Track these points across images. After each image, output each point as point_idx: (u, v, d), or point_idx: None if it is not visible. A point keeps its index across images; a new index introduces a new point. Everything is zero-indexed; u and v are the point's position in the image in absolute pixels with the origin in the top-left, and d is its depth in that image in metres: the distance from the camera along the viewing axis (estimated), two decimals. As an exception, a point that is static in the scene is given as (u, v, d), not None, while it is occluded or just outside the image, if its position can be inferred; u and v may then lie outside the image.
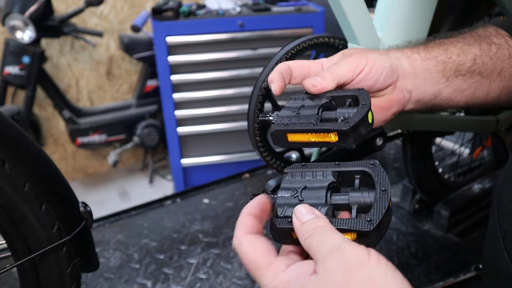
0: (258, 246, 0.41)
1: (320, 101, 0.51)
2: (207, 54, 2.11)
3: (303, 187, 0.44)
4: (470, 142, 1.64)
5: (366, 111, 0.47)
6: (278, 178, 0.62)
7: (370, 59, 0.55)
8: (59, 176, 0.70)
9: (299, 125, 0.48)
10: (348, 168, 0.45)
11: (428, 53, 0.59)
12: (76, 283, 0.75)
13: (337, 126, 0.47)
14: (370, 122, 0.48)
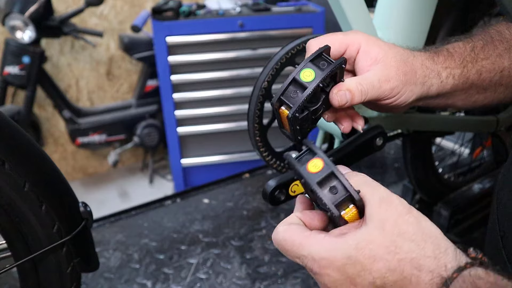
0: (292, 229, 0.43)
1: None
2: (207, 54, 2.11)
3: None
4: (470, 142, 1.64)
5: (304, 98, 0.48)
6: (278, 177, 0.62)
7: (407, 88, 0.52)
8: (59, 176, 0.70)
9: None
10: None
11: (461, 74, 0.56)
12: (76, 283, 0.75)
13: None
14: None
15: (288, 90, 0.51)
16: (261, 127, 0.78)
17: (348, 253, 0.39)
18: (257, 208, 1.51)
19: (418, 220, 0.39)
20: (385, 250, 0.38)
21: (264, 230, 1.39)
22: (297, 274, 1.20)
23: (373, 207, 0.40)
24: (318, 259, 0.40)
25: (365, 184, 0.42)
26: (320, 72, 0.49)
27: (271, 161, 0.81)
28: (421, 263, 0.37)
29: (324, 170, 0.42)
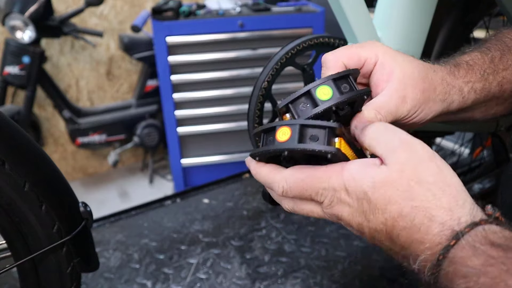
0: (301, 168, 0.42)
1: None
2: (207, 54, 2.11)
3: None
4: (470, 142, 1.64)
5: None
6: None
7: (425, 106, 0.50)
8: (59, 176, 0.70)
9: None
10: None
11: (483, 88, 0.54)
12: (76, 283, 0.75)
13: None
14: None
15: (299, 100, 0.46)
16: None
17: (364, 189, 0.39)
18: (257, 208, 1.51)
19: (440, 168, 0.38)
20: (400, 194, 0.38)
21: (264, 230, 1.39)
22: (297, 274, 1.20)
23: (393, 148, 0.39)
24: (339, 189, 0.40)
25: (385, 131, 0.41)
26: (338, 95, 0.44)
27: (271, 161, 0.81)
28: (433, 213, 0.36)
29: (293, 132, 0.41)
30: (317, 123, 0.40)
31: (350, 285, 1.16)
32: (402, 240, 0.38)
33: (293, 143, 0.40)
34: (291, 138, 0.40)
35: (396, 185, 0.38)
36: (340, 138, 0.41)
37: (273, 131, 0.42)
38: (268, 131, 0.43)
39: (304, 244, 1.32)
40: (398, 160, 0.39)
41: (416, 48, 0.78)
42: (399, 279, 1.16)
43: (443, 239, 0.36)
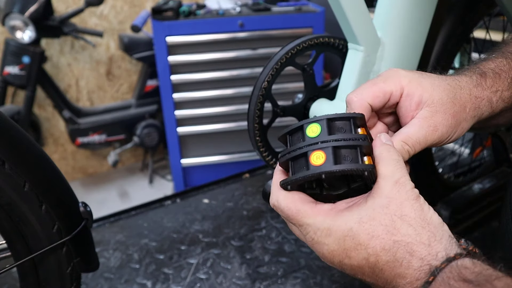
0: (296, 197, 0.44)
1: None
2: (207, 54, 2.11)
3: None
4: (470, 142, 1.64)
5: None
6: None
7: (457, 128, 0.49)
8: (59, 176, 0.70)
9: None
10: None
11: (511, 97, 0.53)
12: (76, 283, 0.75)
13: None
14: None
15: (296, 133, 0.45)
16: (261, 127, 0.78)
17: (350, 226, 0.40)
18: (257, 208, 1.51)
19: (422, 207, 0.40)
20: (384, 228, 0.39)
21: (264, 230, 1.39)
22: (297, 274, 1.20)
23: (386, 185, 0.40)
24: (322, 229, 0.41)
25: (389, 159, 0.42)
26: (332, 164, 0.41)
27: (271, 161, 0.81)
28: (414, 248, 0.38)
29: (328, 154, 0.41)
30: (348, 143, 0.41)
31: (350, 285, 1.16)
32: (386, 274, 0.39)
33: (330, 165, 0.40)
34: (326, 161, 0.41)
35: (380, 220, 0.39)
36: (368, 156, 0.42)
37: (304, 157, 0.42)
38: (296, 159, 0.44)
39: (304, 244, 1.32)
40: (386, 195, 0.40)
41: (416, 48, 0.78)
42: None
43: (422, 274, 0.37)
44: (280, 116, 0.81)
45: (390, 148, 0.43)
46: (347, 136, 0.42)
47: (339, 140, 0.41)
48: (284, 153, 0.45)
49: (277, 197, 0.45)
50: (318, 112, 0.81)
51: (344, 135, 0.42)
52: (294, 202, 0.43)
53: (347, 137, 0.41)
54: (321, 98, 0.82)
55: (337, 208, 0.42)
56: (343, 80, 0.79)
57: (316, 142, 0.42)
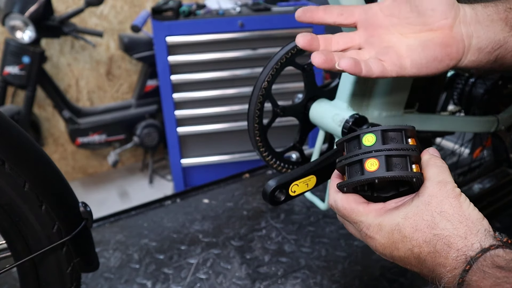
0: (351, 198, 0.50)
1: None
2: (207, 54, 2.11)
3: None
4: (470, 142, 1.64)
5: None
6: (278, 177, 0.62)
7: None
8: (59, 176, 0.70)
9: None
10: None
11: (486, 3, 0.53)
12: (76, 283, 0.75)
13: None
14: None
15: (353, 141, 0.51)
16: (261, 127, 0.78)
17: (397, 221, 0.45)
18: (257, 208, 1.51)
19: (461, 204, 0.44)
20: (425, 223, 0.44)
21: (264, 230, 1.39)
22: (297, 274, 1.20)
23: (430, 185, 0.45)
24: (373, 225, 0.47)
25: (434, 165, 0.47)
26: (385, 171, 0.46)
27: (271, 161, 0.81)
28: (451, 241, 0.42)
29: (381, 162, 0.46)
30: (399, 153, 0.46)
31: (350, 285, 1.16)
32: (428, 264, 0.44)
33: (382, 172, 0.46)
34: (379, 167, 0.46)
35: (422, 215, 0.44)
36: (416, 164, 0.47)
37: (359, 164, 0.48)
38: (352, 164, 0.49)
39: (304, 244, 1.32)
40: (429, 193, 0.45)
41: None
42: (399, 279, 1.16)
43: (460, 263, 0.41)
44: (280, 116, 0.81)
45: (436, 157, 0.49)
46: (398, 146, 0.47)
47: (392, 149, 0.46)
48: (341, 159, 0.50)
49: (334, 198, 0.51)
50: (318, 112, 0.81)
51: (396, 145, 0.47)
52: (349, 203, 0.49)
53: (398, 147, 0.46)
54: (321, 98, 0.82)
55: (386, 207, 0.48)
56: (343, 80, 0.79)
57: (371, 151, 0.47)
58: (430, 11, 0.51)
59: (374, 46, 0.53)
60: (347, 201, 0.49)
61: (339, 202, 0.50)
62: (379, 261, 1.23)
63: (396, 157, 0.46)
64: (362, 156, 0.47)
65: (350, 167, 0.49)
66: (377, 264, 1.22)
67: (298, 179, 0.63)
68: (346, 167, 0.49)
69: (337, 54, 0.51)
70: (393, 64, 0.51)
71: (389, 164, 0.46)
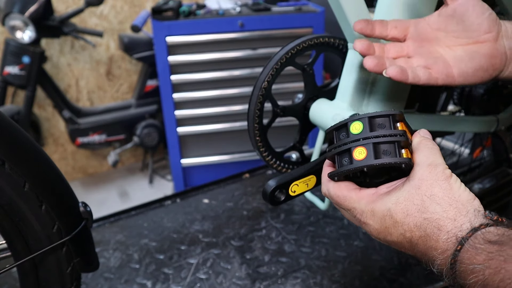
0: (342, 186, 0.51)
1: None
2: (207, 54, 2.11)
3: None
4: (470, 142, 1.64)
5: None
6: (278, 177, 0.62)
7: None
8: (59, 176, 0.70)
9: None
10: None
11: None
12: (76, 283, 0.75)
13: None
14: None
15: (341, 129, 0.51)
16: (261, 127, 0.78)
17: (388, 207, 0.45)
18: (257, 208, 1.51)
19: (451, 186, 0.44)
20: (415, 207, 0.44)
21: (264, 230, 1.39)
22: (297, 274, 1.20)
23: (420, 169, 0.45)
24: (366, 211, 0.47)
25: (424, 147, 0.47)
26: (373, 158, 0.46)
27: (271, 161, 0.81)
28: (441, 223, 0.42)
29: (368, 150, 0.46)
30: (387, 139, 0.46)
31: (350, 285, 1.16)
32: (421, 247, 0.44)
33: (371, 160, 0.46)
34: (367, 156, 0.46)
35: (412, 200, 0.44)
36: (405, 149, 0.47)
37: (348, 152, 0.48)
38: (341, 153, 0.49)
39: (304, 244, 1.32)
40: (419, 177, 0.45)
41: (416, 48, 0.78)
42: (399, 279, 1.16)
43: (451, 245, 0.42)
44: (280, 116, 0.81)
45: (427, 139, 0.48)
46: (386, 132, 0.46)
47: (379, 136, 0.46)
48: (331, 148, 0.50)
49: (327, 186, 0.52)
50: (318, 112, 0.81)
51: (383, 131, 0.47)
52: (341, 190, 0.50)
53: (386, 133, 0.46)
54: (321, 98, 0.82)
55: (378, 192, 0.48)
56: (343, 80, 0.79)
57: (358, 139, 0.47)
58: (476, 25, 0.55)
59: (423, 56, 0.57)
60: (339, 188, 0.50)
61: (332, 190, 0.51)
62: (379, 261, 1.23)
63: (384, 143, 0.46)
64: (350, 145, 0.47)
65: (339, 156, 0.49)
66: (377, 264, 1.22)
67: (298, 179, 0.63)
68: (336, 156, 0.49)
69: (388, 60, 0.56)
70: (440, 72, 0.55)
71: (377, 151, 0.46)
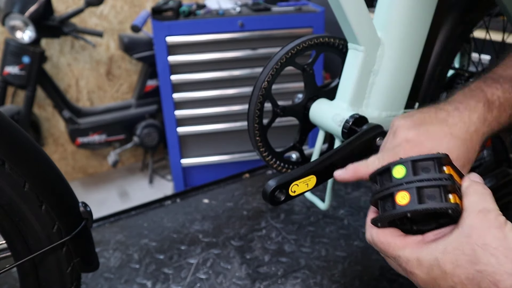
0: (387, 232, 0.48)
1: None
2: (207, 54, 2.11)
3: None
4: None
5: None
6: (278, 177, 0.62)
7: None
8: (59, 176, 0.70)
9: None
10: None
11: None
12: (76, 283, 0.75)
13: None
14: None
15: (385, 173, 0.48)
16: (261, 127, 0.78)
17: (436, 256, 0.42)
18: (257, 208, 1.51)
19: (506, 235, 0.39)
20: (466, 258, 0.40)
21: (264, 230, 1.39)
22: (297, 274, 1.20)
23: (470, 215, 0.41)
24: (412, 260, 0.44)
25: (474, 192, 0.43)
26: (417, 203, 0.44)
27: (271, 161, 0.81)
28: (497, 278, 0.38)
29: (412, 194, 0.44)
30: (431, 183, 0.43)
31: (350, 285, 1.16)
32: None
33: (414, 205, 0.43)
34: (411, 200, 0.43)
35: (463, 249, 0.40)
36: (453, 194, 0.44)
37: (390, 197, 0.46)
38: (384, 198, 0.47)
39: (304, 244, 1.32)
40: (469, 224, 0.41)
41: (416, 48, 0.78)
42: (399, 279, 1.16)
43: None
44: (280, 116, 0.81)
45: (477, 183, 0.45)
46: (431, 176, 0.44)
47: (423, 180, 0.44)
48: (374, 193, 0.48)
49: (370, 233, 0.49)
50: (318, 112, 0.81)
51: (428, 175, 0.44)
52: (385, 236, 0.47)
53: (431, 177, 0.44)
54: (321, 98, 0.82)
55: (425, 239, 0.44)
56: (343, 80, 0.79)
57: (401, 183, 0.45)
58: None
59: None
60: (383, 235, 0.47)
61: (375, 237, 0.48)
62: (379, 261, 1.23)
63: (428, 188, 0.43)
64: (392, 189, 0.45)
65: (382, 201, 0.47)
66: (377, 264, 1.22)
67: (298, 179, 0.63)
68: (379, 201, 0.48)
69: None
70: None
71: (421, 196, 0.43)
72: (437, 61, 0.97)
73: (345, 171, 0.60)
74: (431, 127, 0.55)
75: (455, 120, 0.55)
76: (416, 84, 0.84)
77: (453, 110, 0.57)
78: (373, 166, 0.56)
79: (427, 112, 0.58)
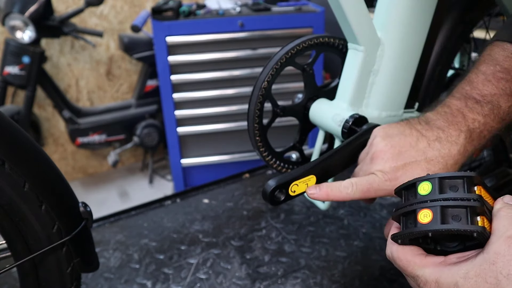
0: (407, 250, 0.46)
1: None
2: (207, 54, 2.11)
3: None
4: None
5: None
6: (278, 177, 0.62)
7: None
8: (59, 176, 0.70)
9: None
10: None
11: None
12: (76, 283, 0.75)
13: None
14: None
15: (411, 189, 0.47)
16: (261, 127, 0.78)
17: (456, 280, 0.40)
18: (257, 208, 1.51)
19: None
20: (487, 287, 0.38)
21: (264, 230, 1.39)
22: (297, 274, 1.20)
23: (497, 241, 0.39)
24: (430, 281, 0.42)
25: (505, 216, 0.41)
26: (440, 223, 0.41)
27: (271, 161, 0.81)
28: None
29: (435, 213, 0.42)
30: (457, 203, 0.41)
31: (350, 285, 1.16)
32: None
33: (436, 224, 0.41)
34: (433, 219, 0.41)
35: (485, 277, 0.38)
36: (482, 216, 0.41)
37: (413, 214, 0.44)
38: (406, 215, 0.45)
39: (304, 244, 1.32)
40: (495, 251, 0.39)
41: (416, 48, 0.78)
42: (399, 279, 1.16)
43: None
44: (280, 116, 0.81)
45: (510, 206, 0.42)
46: (457, 196, 0.42)
47: (448, 199, 0.42)
48: (397, 208, 0.46)
49: (390, 249, 0.47)
50: (318, 112, 0.81)
51: (455, 194, 0.42)
52: (405, 254, 0.45)
53: (457, 197, 0.41)
54: (321, 98, 0.82)
55: (446, 261, 0.43)
56: (343, 80, 0.79)
57: (425, 200, 0.43)
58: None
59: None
60: (402, 252, 0.45)
61: (395, 254, 0.46)
62: (379, 261, 1.23)
63: (454, 207, 0.41)
64: (415, 206, 0.43)
65: (404, 218, 0.45)
66: (377, 264, 1.22)
67: (298, 179, 0.63)
68: (401, 217, 0.46)
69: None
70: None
71: (445, 215, 0.41)
72: (437, 61, 0.97)
73: (319, 190, 0.60)
74: (409, 160, 0.57)
75: (435, 154, 0.56)
76: (416, 84, 0.84)
77: (434, 140, 0.58)
78: (346, 192, 0.57)
79: (409, 135, 0.59)
